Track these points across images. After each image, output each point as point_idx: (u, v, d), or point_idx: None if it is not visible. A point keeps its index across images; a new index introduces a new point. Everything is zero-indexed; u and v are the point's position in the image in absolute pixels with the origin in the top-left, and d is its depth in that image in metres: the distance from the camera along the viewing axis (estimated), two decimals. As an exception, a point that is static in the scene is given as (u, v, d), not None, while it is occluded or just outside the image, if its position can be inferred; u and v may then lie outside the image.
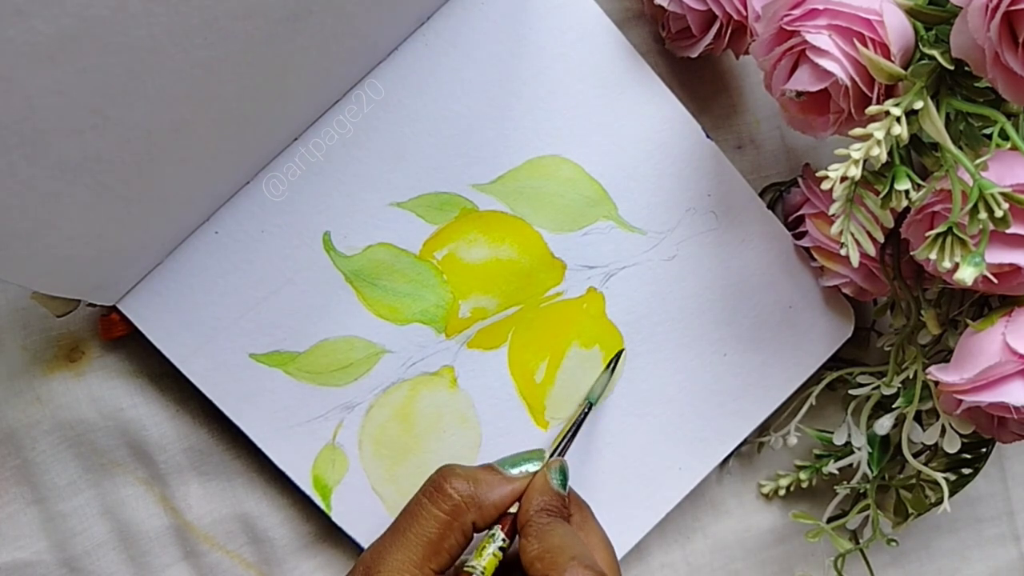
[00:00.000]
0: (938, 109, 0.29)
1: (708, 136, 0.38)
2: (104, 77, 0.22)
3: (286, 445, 0.36)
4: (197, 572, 0.37)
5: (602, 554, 0.32)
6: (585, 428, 0.38)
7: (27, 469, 0.36)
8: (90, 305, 0.36)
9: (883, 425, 0.38)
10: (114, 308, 0.34)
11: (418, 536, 0.31)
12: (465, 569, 0.31)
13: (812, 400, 0.41)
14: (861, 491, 0.40)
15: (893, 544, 0.41)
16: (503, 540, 0.32)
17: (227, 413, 0.36)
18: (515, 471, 0.33)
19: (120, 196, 0.28)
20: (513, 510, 0.33)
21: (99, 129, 0.24)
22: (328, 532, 0.39)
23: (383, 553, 0.31)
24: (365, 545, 0.37)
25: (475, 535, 0.32)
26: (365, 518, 0.37)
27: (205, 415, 0.37)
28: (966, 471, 0.39)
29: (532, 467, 0.34)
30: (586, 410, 0.37)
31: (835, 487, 0.41)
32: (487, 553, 0.32)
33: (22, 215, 0.25)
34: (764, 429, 0.42)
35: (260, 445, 0.36)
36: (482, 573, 0.31)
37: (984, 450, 0.39)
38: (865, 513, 0.40)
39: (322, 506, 0.37)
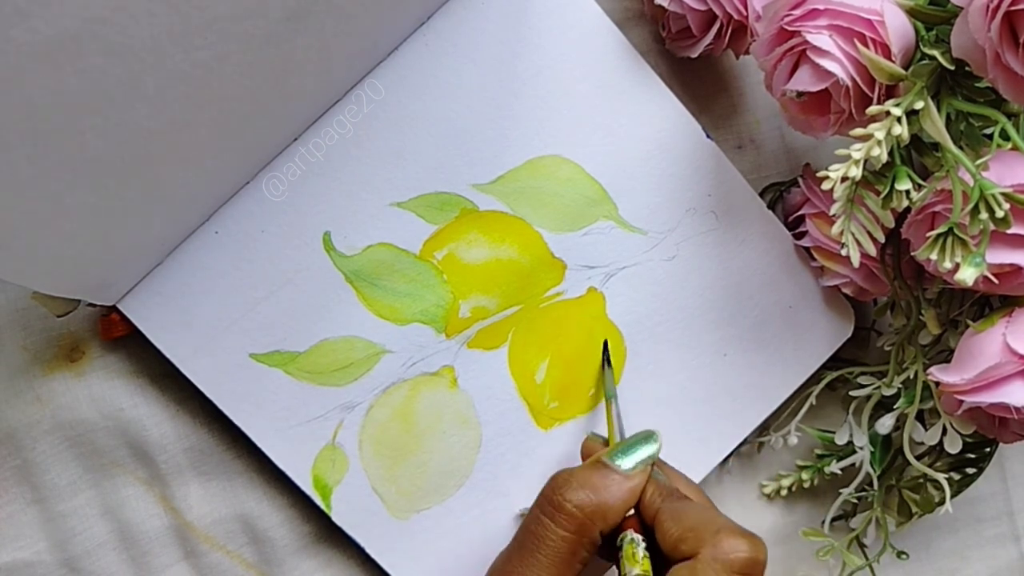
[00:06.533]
0: (939, 109, 0.29)
1: (708, 136, 0.38)
2: (104, 77, 0.22)
3: (286, 445, 0.36)
4: (197, 572, 0.37)
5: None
6: (585, 428, 0.38)
7: (27, 469, 0.36)
8: (90, 305, 0.36)
9: (884, 424, 0.38)
10: (114, 308, 0.34)
11: (548, 557, 0.30)
12: None
13: (812, 400, 0.41)
14: (868, 499, 0.40)
15: (904, 558, 0.41)
16: (642, 539, 0.31)
17: (227, 413, 0.36)
18: (629, 464, 0.32)
19: (120, 196, 0.28)
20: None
21: (99, 129, 0.24)
22: (328, 532, 0.38)
23: None
24: (365, 545, 0.37)
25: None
26: (365, 518, 0.37)
27: (205, 415, 0.37)
28: (970, 471, 0.39)
29: (646, 453, 0.32)
30: (615, 407, 0.36)
31: (839, 490, 0.41)
32: (639, 557, 0.30)
33: (22, 215, 0.25)
34: (764, 429, 0.42)
35: (260, 445, 0.36)
36: None
37: (988, 450, 0.39)
38: (866, 512, 0.40)
39: (322, 506, 0.37)
